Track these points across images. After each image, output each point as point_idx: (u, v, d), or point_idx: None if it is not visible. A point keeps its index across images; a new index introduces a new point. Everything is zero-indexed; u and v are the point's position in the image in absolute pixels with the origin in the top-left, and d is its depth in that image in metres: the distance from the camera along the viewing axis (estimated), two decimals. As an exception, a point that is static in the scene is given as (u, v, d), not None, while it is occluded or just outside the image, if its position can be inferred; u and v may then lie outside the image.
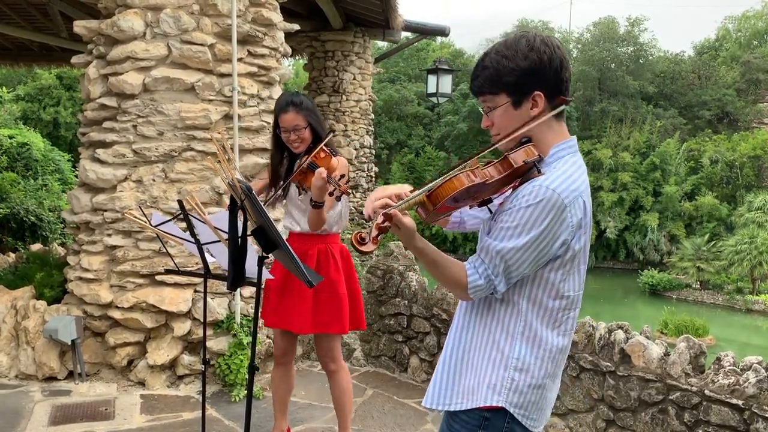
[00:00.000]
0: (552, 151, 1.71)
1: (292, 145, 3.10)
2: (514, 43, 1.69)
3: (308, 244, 3.18)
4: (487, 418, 1.72)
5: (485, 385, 1.71)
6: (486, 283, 1.66)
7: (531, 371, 1.70)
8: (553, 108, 1.71)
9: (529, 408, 1.73)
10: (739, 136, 25.91)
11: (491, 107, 1.73)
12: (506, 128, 1.73)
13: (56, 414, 3.91)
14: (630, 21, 30.04)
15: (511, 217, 1.63)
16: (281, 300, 3.19)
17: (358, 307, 3.26)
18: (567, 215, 1.61)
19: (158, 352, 4.34)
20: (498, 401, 1.69)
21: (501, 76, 1.68)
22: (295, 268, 2.07)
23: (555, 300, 1.70)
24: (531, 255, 1.62)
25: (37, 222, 9.49)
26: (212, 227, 2.54)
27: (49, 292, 4.72)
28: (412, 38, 10.60)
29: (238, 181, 2.11)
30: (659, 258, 23.40)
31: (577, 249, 1.68)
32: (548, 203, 1.59)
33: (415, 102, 32.00)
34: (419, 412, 4.19)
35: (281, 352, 3.37)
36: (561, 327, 1.73)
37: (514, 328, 1.71)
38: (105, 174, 4.39)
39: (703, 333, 14.58)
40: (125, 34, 4.31)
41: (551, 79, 1.68)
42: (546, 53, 1.66)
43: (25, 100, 23.61)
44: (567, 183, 1.63)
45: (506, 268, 1.64)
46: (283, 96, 3.12)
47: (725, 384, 3.13)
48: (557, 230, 1.61)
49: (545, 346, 1.71)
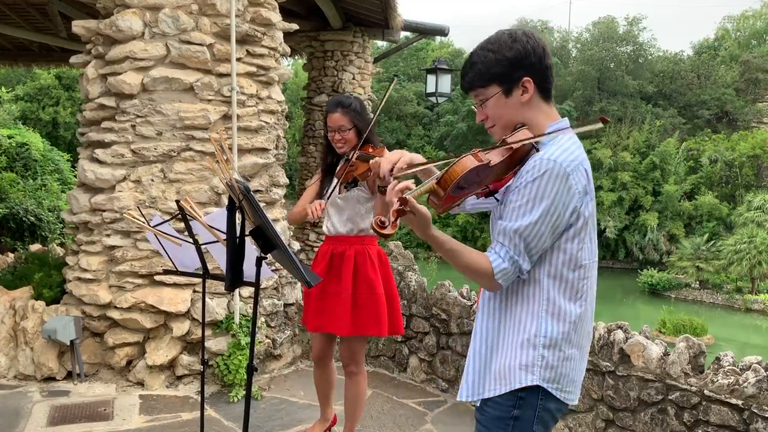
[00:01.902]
0: (547, 132, 1.79)
1: (336, 145, 3.15)
2: (497, 38, 1.80)
3: (345, 246, 3.19)
4: (522, 398, 1.77)
5: (517, 367, 1.76)
6: (511, 265, 1.71)
7: (558, 345, 1.77)
8: (542, 94, 1.81)
9: (562, 381, 1.79)
10: (739, 135, 25.94)
11: (483, 100, 1.82)
12: (500, 117, 1.82)
13: (55, 414, 3.91)
14: (629, 20, 30.08)
15: (519, 195, 1.70)
16: (321, 303, 3.20)
17: (395, 311, 3.25)
18: (572, 182, 1.69)
19: (157, 353, 4.33)
20: (532, 380, 1.75)
21: (489, 68, 1.78)
22: (293, 268, 2.07)
23: (574, 270, 1.77)
24: (547, 226, 1.69)
25: (36, 222, 9.49)
26: (207, 227, 2.53)
27: (48, 292, 4.71)
28: (412, 38, 10.58)
29: (236, 182, 2.11)
30: (658, 257, 23.43)
31: (587, 215, 1.75)
32: (552, 173, 1.67)
33: (414, 101, 32.02)
34: (418, 413, 4.18)
35: (319, 354, 3.40)
36: (580, 296, 1.79)
37: (538, 307, 1.77)
38: (104, 174, 4.38)
39: (701, 332, 14.60)
40: (124, 34, 4.30)
41: (537, 66, 1.78)
42: (529, 43, 1.77)
43: (24, 100, 23.61)
44: (566, 154, 1.71)
45: (527, 245, 1.70)
46: (335, 96, 3.19)
47: (725, 384, 3.13)
48: (566, 198, 1.69)
49: (568, 318, 1.77)
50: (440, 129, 31.29)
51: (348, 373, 3.31)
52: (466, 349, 4.39)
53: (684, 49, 41.50)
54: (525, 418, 1.77)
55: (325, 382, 3.49)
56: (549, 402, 1.78)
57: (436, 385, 4.57)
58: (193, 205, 2.61)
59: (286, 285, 4.96)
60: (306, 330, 3.47)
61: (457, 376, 4.43)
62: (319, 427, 3.59)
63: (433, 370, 4.60)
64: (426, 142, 32.04)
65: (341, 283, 3.16)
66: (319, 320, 3.23)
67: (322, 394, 3.54)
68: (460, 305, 4.42)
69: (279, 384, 4.55)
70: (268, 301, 4.74)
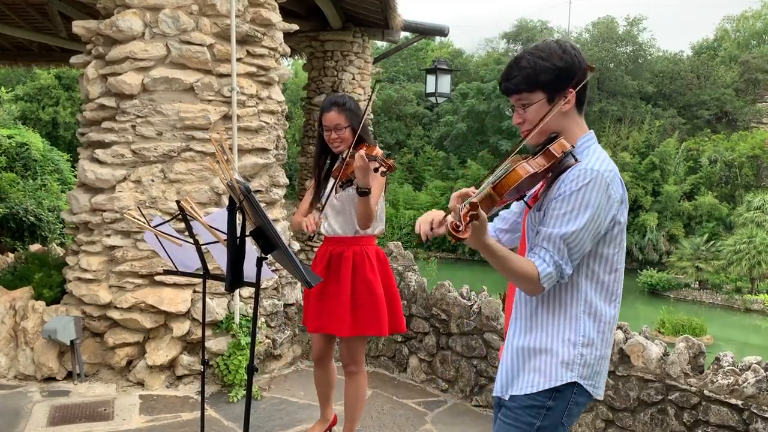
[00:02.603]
0: (579, 142, 1.91)
1: (333, 144, 3.15)
2: (547, 46, 1.88)
3: (343, 246, 3.19)
4: (559, 391, 1.87)
5: (559, 364, 1.87)
6: (555, 270, 1.79)
7: (595, 344, 1.89)
8: (578, 106, 1.92)
9: (595, 377, 1.92)
10: (738, 135, 25.94)
11: (526, 104, 1.90)
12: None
13: (55, 414, 3.91)
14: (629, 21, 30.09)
15: (564, 203, 1.79)
16: (320, 304, 3.20)
17: (396, 310, 3.26)
18: (612, 192, 1.81)
19: (157, 353, 4.34)
20: (571, 377, 1.87)
21: (538, 74, 1.85)
22: (293, 268, 2.07)
23: (610, 273, 1.89)
24: (589, 234, 1.80)
25: (36, 222, 9.49)
26: (208, 227, 2.54)
27: (48, 292, 4.71)
28: (411, 38, 10.58)
29: (237, 182, 2.11)
30: (658, 258, 23.41)
31: (623, 222, 1.87)
32: (596, 183, 1.78)
33: (414, 102, 32.01)
34: (418, 413, 4.19)
35: (319, 355, 3.41)
36: (615, 299, 1.93)
37: (577, 308, 1.88)
38: (104, 174, 4.38)
39: (700, 332, 14.59)
40: (124, 35, 4.30)
41: (579, 79, 1.88)
42: (576, 56, 1.88)
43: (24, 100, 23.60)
44: (605, 164, 1.82)
45: (570, 251, 1.80)
46: (330, 96, 3.20)
47: (724, 384, 3.14)
48: (606, 206, 1.80)
49: (604, 318, 1.90)
50: (440, 129, 31.26)
51: (348, 373, 3.31)
52: (466, 350, 4.41)
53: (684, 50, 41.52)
54: (557, 410, 1.88)
55: (326, 382, 3.50)
56: (580, 396, 1.90)
57: (436, 385, 4.57)
58: (194, 205, 2.61)
59: (286, 285, 4.96)
60: (306, 331, 3.48)
61: (457, 376, 4.43)
62: (320, 427, 3.59)
63: (433, 371, 4.61)
64: (426, 142, 32.02)
65: (340, 283, 3.17)
66: (319, 321, 3.23)
67: (322, 394, 3.54)
68: (460, 305, 4.43)
69: (279, 384, 4.55)
70: (269, 301, 4.74)
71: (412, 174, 30.46)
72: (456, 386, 4.45)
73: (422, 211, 26.58)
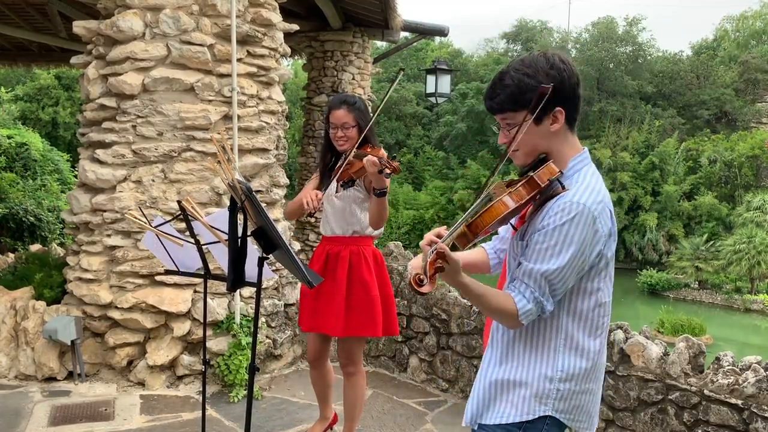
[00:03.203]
0: (570, 164, 1.77)
1: (338, 142, 3.14)
2: (534, 61, 1.72)
3: (341, 246, 3.19)
4: (530, 422, 1.76)
5: (532, 397, 1.76)
6: (535, 306, 1.69)
7: (575, 380, 1.77)
8: (568, 124, 1.77)
9: (575, 412, 1.79)
10: (738, 135, 25.95)
11: (511, 124, 1.75)
12: (525, 144, 1.76)
13: (56, 414, 3.91)
14: (628, 21, 30.09)
15: (547, 237, 1.67)
16: (316, 304, 3.20)
17: (391, 312, 3.25)
18: (599, 226, 1.67)
19: (158, 353, 4.34)
20: (545, 411, 1.76)
21: (523, 93, 1.70)
22: (295, 268, 2.07)
23: (594, 309, 1.76)
24: (573, 270, 1.68)
25: (36, 222, 9.49)
26: (209, 227, 2.54)
27: (49, 292, 4.71)
28: (411, 38, 10.58)
29: (239, 182, 2.11)
30: (658, 258, 23.42)
31: (610, 256, 1.74)
32: (581, 217, 1.65)
33: (413, 102, 32.01)
34: (418, 413, 4.19)
35: (315, 356, 3.40)
36: (600, 333, 1.80)
37: (556, 342, 1.76)
38: (104, 174, 4.39)
39: (699, 332, 14.59)
40: (124, 35, 4.31)
41: (570, 96, 1.73)
42: (566, 71, 1.71)
43: (23, 100, 23.61)
44: (594, 195, 1.68)
45: (552, 288, 1.68)
46: (338, 94, 3.19)
47: (724, 384, 3.14)
48: (592, 242, 1.67)
49: (587, 354, 1.77)
50: (440, 129, 31.28)
51: (346, 373, 3.31)
52: (467, 349, 4.41)
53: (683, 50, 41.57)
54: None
55: (322, 383, 3.48)
56: (553, 428, 1.78)
57: (437, 385, 4.58)
58: (194, 205, 2.62)
59: (286, 285, 4.97)
60: (302, 330, 3.47)
61: (458, 376, 4.44)
62: (319, 427, 3.59)
63: (433, 370, 4.61)
64: (425, 142, 32.03)
65: (336, 283, 3.16)
66: (314, 321, 3.23)
67: (320, 394, 3.54)
68: (461, 305, 4.43)
69: (279, 384, 4.56)
70: (269, 301, 4.74)
71: (412, 174, 30.47)
72: (456, 386, 4.45)
73: (422, 210, 26.62)
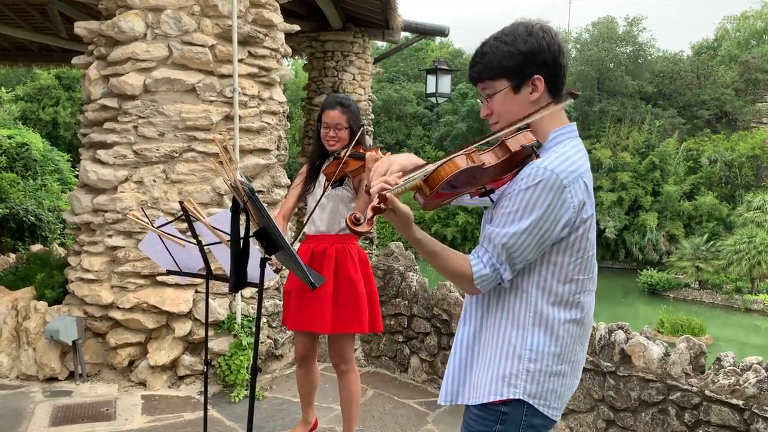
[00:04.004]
0: (551, 136, 1.70)
1: (329, 142, 3.19)
2: (513, 30, 1.69)
3: (326, 244, 3.22)
4: (505, 413, 1.70)
5: (499, 378, 1.69)
6: (492, 272, 1.64)
7: (545, 360, 1.68)
8: (551, 94, 1.71)
9: (548, 396, 1.71)
10: (738, 135, 25.95)
11: (491, 94, 1.72)
12: (506, 114, 1.71)
13: (57, 414, 3.92)
14: (628, 21, 30.08)
15: (510, 202, 1.62)
16: (301, 302, 3.21)
17: (375, 309, 3.28)
18: (567, 196, 1.60)
19: (159, 353, 4.34)
20: (514, 393, 1.68)
21: (501, 61, 1.67)
22: (297, 269, 2.07)
23: (564, 284, 1.68)
24: (533, 239, 1.61)
25: (37, 222, 9.49)
26: (211, 228, 2.54)
27: (50, 292, 4.72)
28: (412, 38, 10.59)
29: (241, 183, 2.12)
30: (658, 258, 23.43)
31: (581, 231, 1.66)
32: (547, 184, 1.58)
33: (414, 102, 32.02)
34: (420, 413, 4.20)
35: (303, 353, 3.41)
36: (572, 311, 1.71)
37: (524, 318, 1.69)
38: (106, 175, 4.39)
39: (699, 332, 14.60)
40: (126, 35, 4.31)
41: (550, 64, 1.68)
42: (545, 38, 1.67)
43: (24, 100, 23.61)
44: (566, 164, 1.62)
45: (509, 255, 1.62)
46: (334, 94, 3.26)
47: (725, 384, 3.14)
48: (558, 211, 1.60)
49: (557, 332, 1.69)
50: (440, 129, 31.29)
51: (339, 372, 3.31)
52: (468, 350, 4.40)
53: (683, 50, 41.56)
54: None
55: (308, 383, 3.48)
56: (534, 417, 1.71)
57: (438, 386, 4.58)
58: (196, 206, 2.62)
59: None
60: (287, 329, 3.48)
61: (459, 377, 4.44)
62: (300, 430, 3.58)
63: (434, 371, 4.61)
64: (426, 142, 32.04)
65: None
66: (299, 318, 3.24)
67: (305, 395, 3.52)
68: (461, 305, 4.43)
69: (280, 384, 4.56)
70: (270, 301, 4.75)
71: (412, 174, 30.44)
72: (457, 386, 4.45)
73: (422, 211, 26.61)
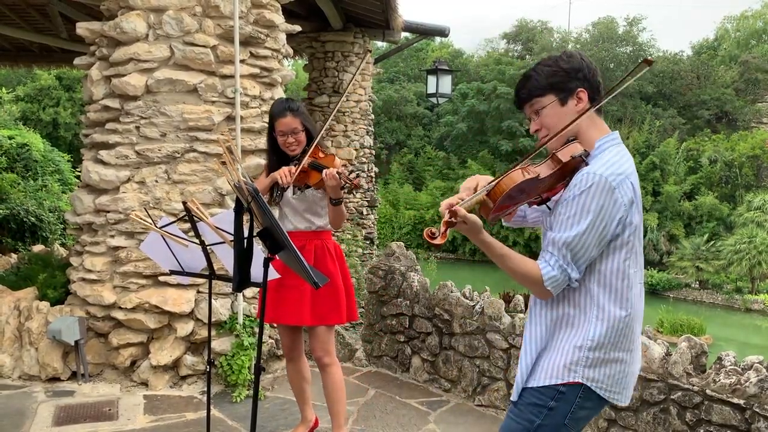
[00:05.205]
0: (597, 145, 1.90)
1: (289, 148, 3.24)
2: (551, 56, 1.95)
3: (304, 240, 3.27)
4: (562, 392, 1.89)
5: (563, 365, 1.88)
6: (560, 273, 1.82)
7: (604, 347, 1.88)
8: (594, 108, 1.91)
9: (607, 381, 1.90)
10: (738, 135, 25.97)
11: (538, 109, 1.93)
12: (554, 126, 1.92)
13: (60, 414, 3.93)
14: (628, 21, 30.11)
15: (567, 208, 1.82)
16: (278, 295, 3.25)
17: (351, 300, 3.37)
18: (618, 195, 1.80)
19: (161, 353, 4.35)
20: (574, 377, 1.87)
21: (547, 78, 1.91)
22: (301, 269, 2.08)
23: (622, 280, 1.87)
24: (593, 237, 1.80)
25: (37, 223, 9.49)
26: (215, 228, 2.55)
27: (52, 293, 4.73)
28: (412, 39, 10.60)
29: (245, 183, 2.13)
30: (658, 258, 23.43)
31: (633, 227, 1.85)
32: (598, 187, 1.78)
33: (414, 102, 32.02)
34: (421, 412, 4.20)
35: (289, 346, 3.46)
36: (628, 303, 1.89)
37: (590, 313, 1.88)
38: (108, 175, 4.40)
39: (699, 332, 14.61)
40: (128, 36, 4.32)
41: (590, 79, 1.92)
42: (583, 60, 1.93)
43: (24, 100, 23.61)
44: (612, 168, 1.82)
45: (574, 255, 1.81)
46: (278, 102, 3.34)
47: (726, 383, 3.15)
48: (611, 210, 1.80)
49: (617, 324, 1.88)
50: (440, 129, 31.29)
51: (322, 366, 3.32)
52: (469, 350, 4.43)
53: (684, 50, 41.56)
54: (560, 411, 1.89)
55: (300, 377, 3.50)
56: (587, 401, 1.89)
57: (439, 385, 4.59)
58: (199, 206, 2.63)
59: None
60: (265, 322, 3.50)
61: (460, 376, 4.45)
62: (302, 430, 3.59)
63: (435, 370, 4.62)
64: (426, 142, 32.04)
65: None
66: (277, 312, 3.27)
67: (298, 392, 3.55)
68: (463, 306, 4.44)
69: (282, 384, 4.56)
70: (271, 301, 4.75)
71: (413, 174, 30.48)
72: (459, 386, 4.47)
73: (422, 211, 26.64)
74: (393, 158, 31.17)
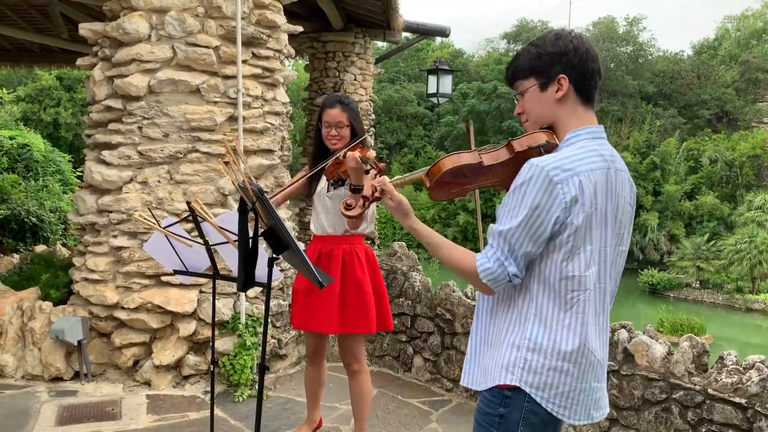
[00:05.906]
0: (567, 137, 1.78)
1: (331, 141, 3.18)
2: (544, 35, 1.84)
3: (333, 245, 3.22)
4: (508, 396, 1.77)
5: (500, 365, 1.77)
6: (496, 266, 1.70)
7: (544, 352, 1.74)
8: (581, 98, 1.79)
9: (548, 391, 1.75)
10: (739, 135, 25.98)
11: (522, 92, 1.85)
12: (533, 111, 1.84)
13: (63, 414, 3.94)
14: (629, 21, 30.12)
15: (508, 199, 1.72)
16: (308, 301, 3.22)
17: (384, 307, 3.30)
18: (558, 192, 1.65)
19: (164, 353, 4.36)
20: (512, 380, 1.75)
21: (530, 61, 1.81)
22: (305, 269, 2.09)
23: (561, 280, 1.73)
24: (528, 232, 1.68)
25: (38, 223, 9.50)
26: (219, 228, 2.56)
27: (55, 293, 4.74)
28: (413, 39, 10.60)
29: (250, 183, 2.13)
30: (659, 257, 23.45)
31: (574, 227, 1.69)
32: (536, 179, 1.65)
33: (414, 102, 32.04)
34: (423, 412, 4.21)
35: (313, 351, 3.45)
36: (571, 308, 1.74)
37: (527, 311, 1.76)
38: (110, 175, 4.41)
39: (699, 332, 14.62)
40: (130, 37, 4.33)
41: (576, 66, 1.77)
42: (573, 42, 1.77)
43: (25, 101, 23.63)
44: (560, 162, 1.68)
45: (510, 249, 1.70)
46: (333, 94, 3.25)
47: (728, 383, 3.16)
48: (549, 206, 1.66)
49: (556, 326, 1.74)
50: (441, 129, 31.31)
51: (351, 372, 3.33)
52: (471, 349, 4.41)
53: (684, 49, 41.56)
54: (511, 418, 1.77)
55: (316, 381, 3.51)
56: (538, 408, 1.75)
57: (441, 385, 4.60)
58: (203, 206, 2.64)
59: (291, 285, 4.99)
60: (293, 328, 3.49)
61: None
62: (306, 430, 3.60)
63: (437, 370, 4.63)
64: (426, 142, 32.06)
65: None
66: (306, 319, 3.25)
67: (312, 394, 3.55)
68: (465, 305, 4.45)
69: (284, 383, 4.58)
70: (274, 301, 4.77)
71: (413, 174, 30.45)
72: (461, 386, 4.48)
73: (423, 211, 26.66)
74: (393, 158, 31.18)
